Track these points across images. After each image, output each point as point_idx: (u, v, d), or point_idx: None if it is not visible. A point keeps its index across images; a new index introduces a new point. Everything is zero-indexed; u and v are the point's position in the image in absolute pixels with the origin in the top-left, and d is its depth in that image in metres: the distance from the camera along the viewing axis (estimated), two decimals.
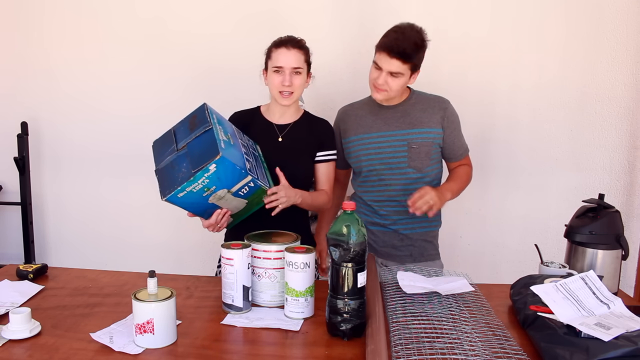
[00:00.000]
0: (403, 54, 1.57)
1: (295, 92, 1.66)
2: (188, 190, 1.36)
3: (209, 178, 1.34)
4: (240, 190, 1.43)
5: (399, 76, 1.62)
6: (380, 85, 1.64)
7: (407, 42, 1.58)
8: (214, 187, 1.38)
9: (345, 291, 1.13)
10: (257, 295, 1.35)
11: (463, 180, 1.80)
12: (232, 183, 1.40)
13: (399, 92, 1.69)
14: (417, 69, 1.66)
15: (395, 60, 1.58)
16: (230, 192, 1.42)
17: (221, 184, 1.38)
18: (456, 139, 1.77)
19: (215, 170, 1.33)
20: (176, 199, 1.38)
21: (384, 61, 1.60)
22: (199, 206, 1.44)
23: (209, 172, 1.33)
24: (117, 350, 1.07)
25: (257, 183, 1.44)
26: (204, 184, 1.36)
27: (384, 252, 1.80)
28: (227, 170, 1.35)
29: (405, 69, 1.61)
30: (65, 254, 2.79)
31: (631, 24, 2.31)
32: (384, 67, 1.61)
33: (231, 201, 1.46)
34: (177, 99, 2.52)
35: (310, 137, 1.73)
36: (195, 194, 1.38)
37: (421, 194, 1.57)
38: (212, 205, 1.45)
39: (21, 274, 1.48)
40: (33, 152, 2.68)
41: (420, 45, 1.61)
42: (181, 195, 1.36)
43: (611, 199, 2.17)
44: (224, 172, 1.35)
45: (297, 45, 1.66)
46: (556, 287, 1.16)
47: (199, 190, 1.37)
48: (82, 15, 2.59)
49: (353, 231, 1.12)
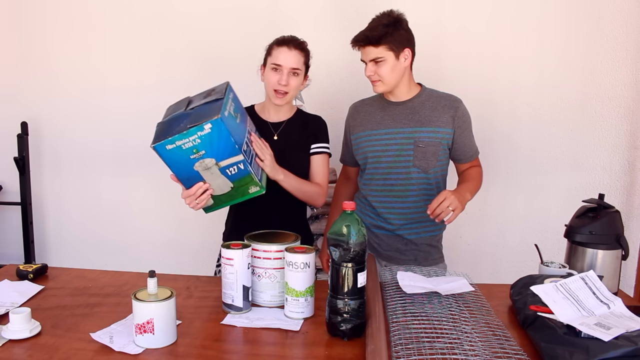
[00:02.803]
0: (369, 38, 1.61)
1: (290, 92, 1.65)
2: (177, 144, 1.32)
3: (201, 138, 1.32)
4: (229, 168, 1.40)
5: (381, 61, 1.62)
6: (370, 77, 1.67)
7: (371, 28, 1.62)
8: (203, 152, 1.34)
9: (345, 291, 1.13)
10: (257, 295, 1.35)
11: (478, 181, 1.75)
12: (222, 155, 1.36)
13: (395, 79, 1.67)
14: (402, 49, 1.63)
15: (367, 48, 1.63)
16: (217, 166, 1.39)
17: (212, 151, 1.35)
18: (467, 139, 1.74)
19: (210, 132, 1.30)
20: (163, 150, 1.34)
21: (362, 54, 1.67)
22: (183, 169, 1.40)
23: (203, 132, 1.30)
24: (117, 350, 1.07)
25: (248, 168, 1.41)
26: (195, 144, 1.32)
27: (388, 255, 1.79)
28: (221, 136, 1.32)
29: (381, 51, 1.61)
30: (65, 254, 2.79)
31: (631, 24, 2.32)
32: (365, 59, 1.66)
33: (217, 177, 1.42)
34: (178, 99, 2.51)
35: (304, 134, 1.74)
36: (183, 153, 1.35)
37: (440, 200, 1.50)
38: (196, 173, 1.41)
39: (21, 274, 1.48)
40: (33, 152, 2.68)
41: (392, 24, 1.61)
42: (169, 147, 1.33)
43: (611, 199, 2.18)
44: (217, 138, 1.32)
45: (299, 47, 1.66)
46: (556, 287, 1.16)
47: (188, 149, 1.34)
48: (82, 15, 2.59)
49: (353, 231, 1.11)
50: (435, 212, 1.50)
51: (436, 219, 1.51)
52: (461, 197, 1.55)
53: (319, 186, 1.73)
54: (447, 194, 1.51)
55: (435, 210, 1.50)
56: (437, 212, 1.50)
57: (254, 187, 1.47)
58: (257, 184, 1.47)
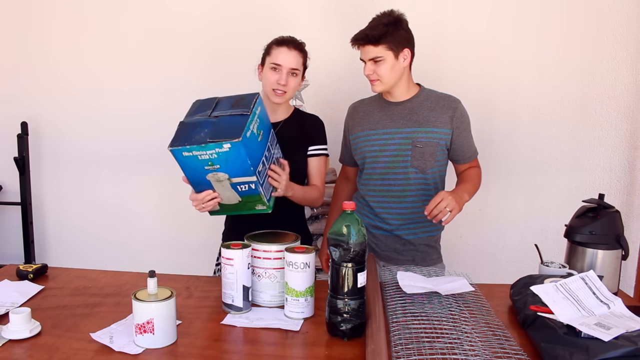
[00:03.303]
0: (368, 37, 1.61)
1: (288, 92, 1.67)
2: (194, 153, 1.35)
3: (218, 155, 1.34)
4: (240, 185, 1.42)
5: (380, 60, 1.63)
6: (369, 76, 1.67)
7: (372, 27, 1.62)
8: (217, 166, 1.37)
9: (345, 291, 1.13)
10: (257, 295, 1.35)
11: (476, 182, 1.75)
12: (236, 173, 1.39)
13: (394, 79, 1.67)
14: (401, 49, 1.64)
15: (367, 47, 1.63)
16: (229, 181, 1.41)
17: (226, 167, 1.37)
18: (466, 140, 1.74)
19: (228, 151, 1.33)
20: (180, 155, 1.38)
21: (361, 53, 1.67)
22: (195, 175, 1.42)
23: (221, 149, 1.33)
24: (117, 350, 1.07)
25: (259, 188, 1.43)
26: (211, 158, 1.35)
27: (386, 256, 1.79)
28: (238, 157, 1.34)
29: (381, 51, 1.61)
30: (65, 254, 2.79)
31: (631, 24, 2.32)
32: (364, 58, 1.66)
33: (226, 190, 1.44)
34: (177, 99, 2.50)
35: (302, 133, 1.74)
36: (198, 162, 1.37)
37: (437, 201, 1.50)
38: (207, 182, 1.43)
39: (21, 274, 1.48)
40: (33, 152, 2.68)
41: (392, 24, 1.62)
42: (185, 154, 1.36)
43: (611, 199, 2.18)
44: (234, 158, 1.35)
45: (298, 47, 1.67)
46: (556, 287, 1.16)
47: (203, 160, 1.36)
48: (82, 15, 2.59)
49: (353, 231, 1.11)
50: (432, 212, 1.50)
51: (433, 219, 1.51)
52: (458, 198, 1.55)
53: (318, 189, 1.75)
54: (444, 195, 1.51)
55: (433, 211, 1.50)
56: (434, 212, 1.50)
57: (261, 205, 1.49)
58: (265, 204, 1.49)
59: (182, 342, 1.12)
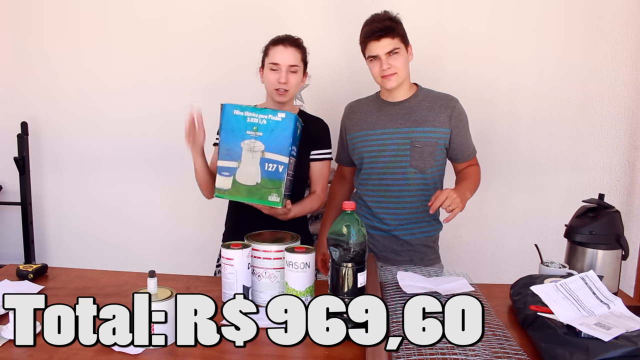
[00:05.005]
0: (387, 29, 1.60)
1: (290, 90, 1.66)
2: (245, 114, 1.41)
3: (268, 122, 1.40)
4: (269, 163, 1.43)
5: (398, 52, 1.63)
6: (386, 70, 1.63)
7: (382, 20, 1.62)
8: (260, 134, 1.41)
9: (345, 291, 1.13)
10: (257, 295, 1.34)
11: (476, 180, 1.75)
12: (273, 148, 1.42)
13: (407, 73, 1.68)
14: (408, 44, 1.67)
15: (384, 40, 1.61)
16: (262, 154, 1.43)
17: (267, 137, 1.41)
18: (464, 139, 1.74)
19: (279, 121, 1.39)
20: (229, 112, 1.43)
21: (376, 48, 1.62)
22: (231, 137, 1.44)
23: (274, 117, 1.39)
24: (117, 350, 1.07)
25: (284, 174, 1.44)
26: (259, 122, 1.40)
27: (384, 256, 1.78)
28: (283, 132, 1.40)
29: (397, 43, 1.62)
30: (65, 254, 2.79)
31: (631, 24, 2.32)
32: (380, 52, 1.62)
33: (253, 164, 1.44)
34: (177, 99, 2.52)
35: (305, 136, 1.73)
36: (242, 125, 1.42)
37: (442, 198, 1.49)
38: (237, 149, 1.44)
39: (21, 274, 1.48)
40: (33, 152, 2.68)
41: (395, 20, 1.64)
42: (236, 113, 1.42)
43: (611, 199, 2.18)
44: (280, 131, 1.40)
45: (294, 44, 1.66)
46: (556, 287, 1.16)
47: (249, 124, 1.42)
48: (81, 15, 2.59)
49: (353, 231, 1.12)
50: (434, 205, 1.50)
51: (444, 210, 1.52)
52: (462, 194, 1.55)
53: (318, 198, 1.74)
54: (448, 192, 1.50)
55: (434, 203, 1.50)
56: (436, 204, 1.50)
57: (275, 196, 1.46)
58: (280, 195, 1.46)
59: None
